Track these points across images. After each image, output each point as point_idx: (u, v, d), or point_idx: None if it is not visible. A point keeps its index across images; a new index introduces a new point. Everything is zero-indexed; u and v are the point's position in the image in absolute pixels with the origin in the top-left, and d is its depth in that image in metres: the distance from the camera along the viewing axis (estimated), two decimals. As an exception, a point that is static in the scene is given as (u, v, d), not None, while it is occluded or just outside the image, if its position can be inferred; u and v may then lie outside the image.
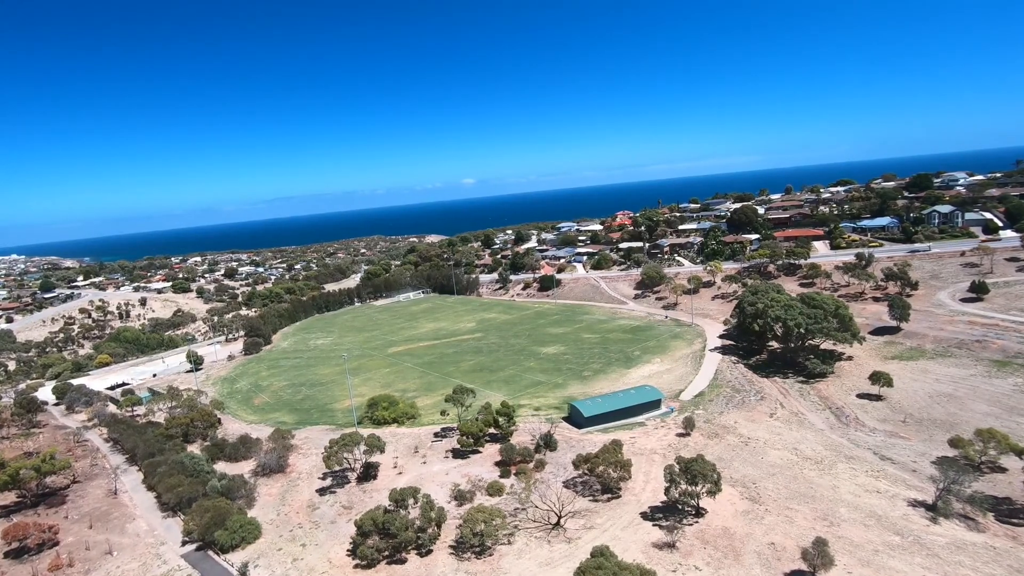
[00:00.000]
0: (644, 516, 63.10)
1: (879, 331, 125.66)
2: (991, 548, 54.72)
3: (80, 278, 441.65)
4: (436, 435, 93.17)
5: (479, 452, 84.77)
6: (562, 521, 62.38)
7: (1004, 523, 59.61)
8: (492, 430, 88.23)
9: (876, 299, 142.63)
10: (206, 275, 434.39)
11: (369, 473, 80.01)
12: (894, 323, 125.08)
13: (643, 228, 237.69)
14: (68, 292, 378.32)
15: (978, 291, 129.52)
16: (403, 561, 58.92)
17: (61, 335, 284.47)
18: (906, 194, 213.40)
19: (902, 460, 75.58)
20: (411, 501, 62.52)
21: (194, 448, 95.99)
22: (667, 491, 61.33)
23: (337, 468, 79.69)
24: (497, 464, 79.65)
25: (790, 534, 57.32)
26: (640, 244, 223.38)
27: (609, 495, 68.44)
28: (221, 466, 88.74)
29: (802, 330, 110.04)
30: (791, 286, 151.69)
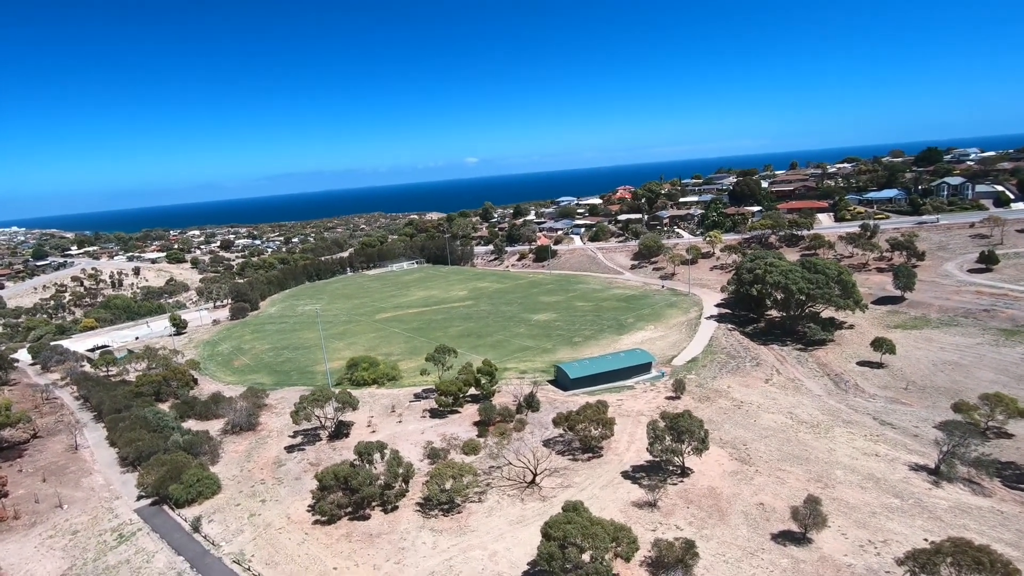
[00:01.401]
0: (625, 476, 59.05)
1: (882, 300, 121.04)
2: (998, 512, 50.58)
3: (74, 247, 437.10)
4: (416, 396, 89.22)
5: (458, 412, 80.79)
6: (537, 479, 58.39)
7: (1012, 488, 55.42)
8: (473, 391, 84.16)
9: (880, 270, 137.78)
10: (202, 247, 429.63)
11: (341, 432, 76.13)
12: (898, 293, 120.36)
13: (643, 200, 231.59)
14: (61, 260, 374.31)
15: (987, 261, 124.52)
16: (366, 517, 55.07)
17: (52, 302, 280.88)
18: (915, 168, 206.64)
19: (903, 425, 71.35)
20: (377, 456, 58.43)
21: (164, 407, 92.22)
22: (651, 447, 57.04)
23: (307, 425, 75.91)
24: (476, 424, 75.64)
25: (780, 495, 53.24)
26: (639, 216, 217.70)
27: (590, 455, 64.39)
28: (191, 424, 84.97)
29: (802, 296, 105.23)
30: (793, 257, 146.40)
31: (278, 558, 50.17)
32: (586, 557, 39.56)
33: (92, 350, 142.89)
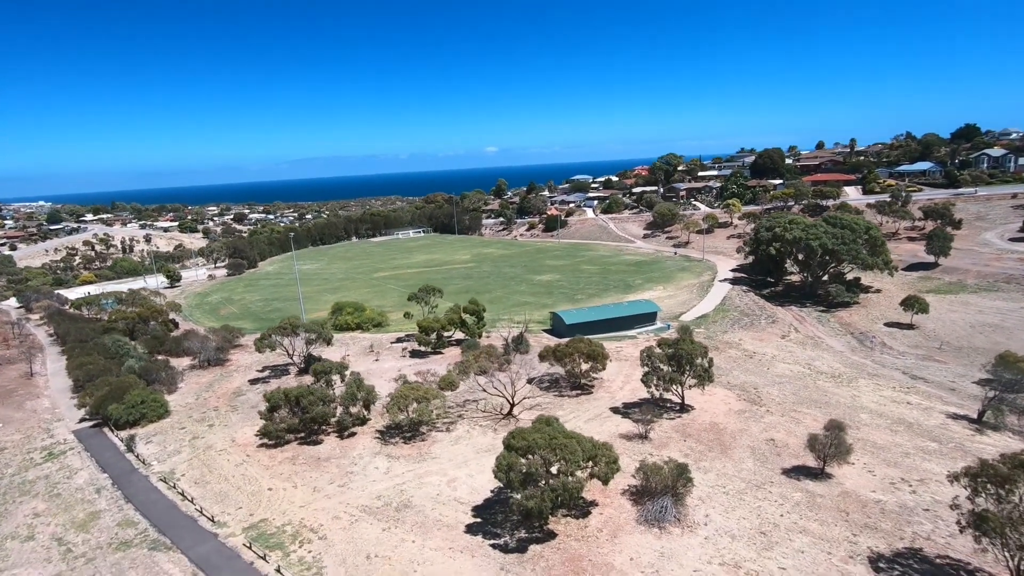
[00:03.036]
0: (615, 411, 51.78)
1: (913, 267, 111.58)
2: (1057, 461, 42.31)
3: (89, 215, 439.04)
4: (399, 340, 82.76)
5: (440, 354, 74.02)
6: (515, 412, 51.36)
7: (1069, 440, 47.00)
8: (460, 335, 77.32)
9: (912, 239, 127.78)
10: (215, 219, 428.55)
11: (311, 366, 69.73)
12: (931, 259, 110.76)
13: (660, 173, 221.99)
14: (75, 226, 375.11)
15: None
16: (317, 443, 48.62)
17: (62, 264, 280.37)
18: (951, 144, 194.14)
19: (937, 380, 62.91)
20: (336, 378, 51.87)
21: (137, 344, 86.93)
22: (645, 378, 49.56)
23: (277, 361, 70.04)
24: (458, 364, 68.72)
25: (795, 432, 45.53)
26: (654, 188, 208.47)
27: (579, 392, 57.19)
28: (161, 359, 79.59)
29: (826, 255, 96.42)
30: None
31: (209, 477, 43.95)
32: (554, 471, 32.50)
33: (82, 297, 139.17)
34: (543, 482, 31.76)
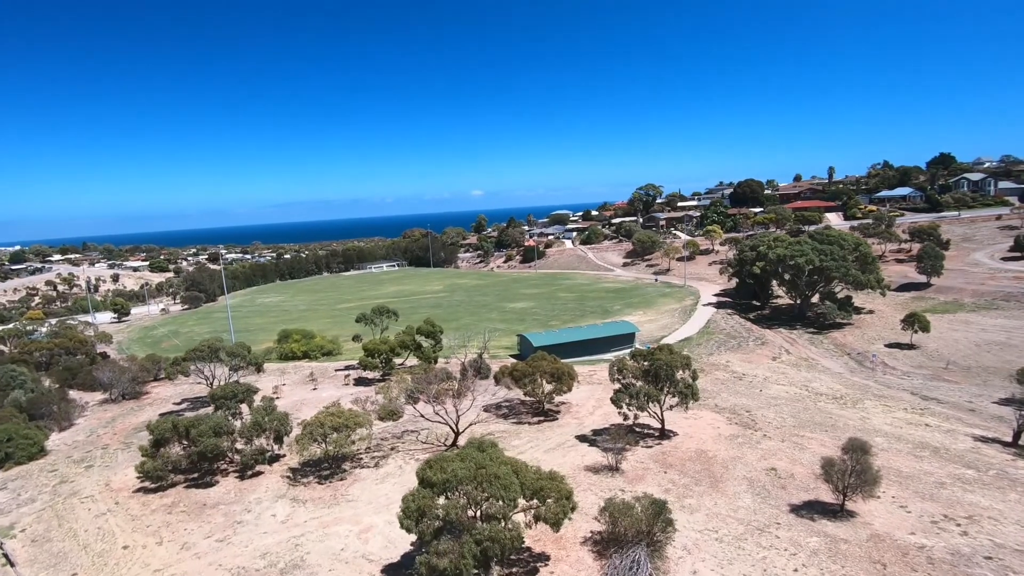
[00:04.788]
0: (582, 439, 42.83)
1: (905, 287, 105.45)
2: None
3: (57, 255, 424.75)
4: (347, 367, 73.45)
5: (388, 381, 64.56)
6: (461, 441, 42.24)
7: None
8: (413, 360, 68.31)
9: (900, 261, 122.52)
10: (189, 258, 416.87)
11: (235, 397, 59.92)
12: (923, 279, 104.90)
13: (639, 203, 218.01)
14: (38, 265, 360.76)
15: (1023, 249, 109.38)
16: (210, 484, 38.82)
17: (20, 305, 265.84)
18: (930, 169, 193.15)
19: (952, 400, 55.10)
20: (244, 407, 42.52)
21: (45, 376, 76.21)
22: (615, 397, 40.87)
23: (198, 392, 59.86)
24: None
25: (800, 460, 36.97)
26: (634, 219, 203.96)
27: (542, 418, 48.25)
28: (73, 394, 69.14)
29: (814, 272, 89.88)
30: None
31: (55, 533, 33.89)
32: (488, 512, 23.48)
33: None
34: (468, 532, 22.77)
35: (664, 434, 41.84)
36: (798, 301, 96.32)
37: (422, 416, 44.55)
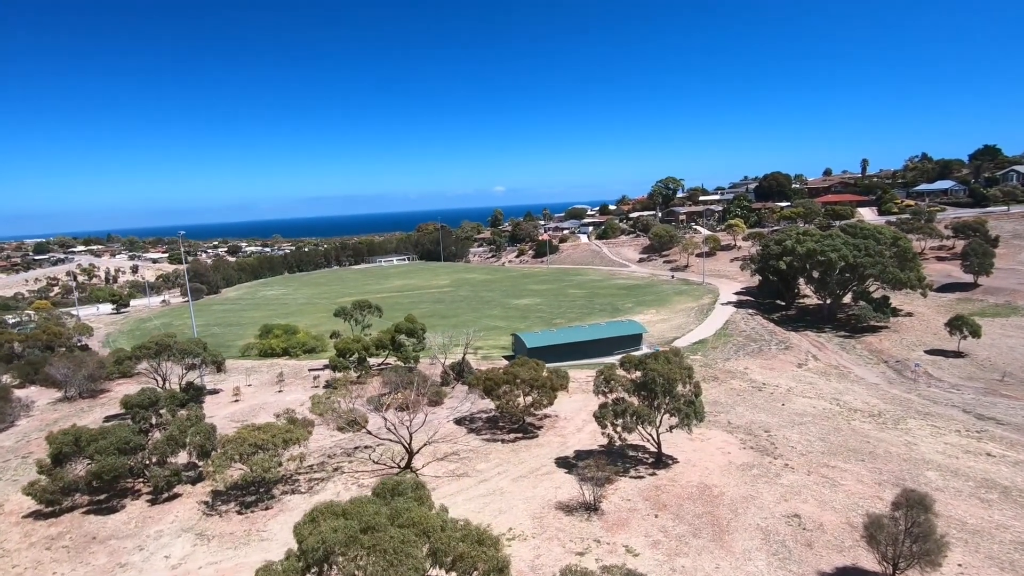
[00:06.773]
0: (561, 463, 35.54)
1: (948, 288, 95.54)
2: None
3: (80, 246, 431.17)
4: (324, 367, 67.15)
5: (362, 384, 58.23)
6: (416, 461, 35.35)
7: None
8: (392, 359, 61.78)
9: (941, 259, 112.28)
10: (209, 250, 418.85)
11: (193, 397, 54.11)
12: (969, 278, 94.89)
13: (658, 197, 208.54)
14: (61, 256, 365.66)
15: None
16: (114, 509, 32.67)
17: (39, 294, 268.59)
18: (973, 161, 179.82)
19: (1015, 421, 46.39)
20: (160, 414, 36.29)
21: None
22: (599, 414, 33.48)
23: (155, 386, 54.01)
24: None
25: (832, 503, 29.22)
26: (652, 213, 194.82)
27: (520, 435, 41.08)
28: (31, 391, 64.42)
29: (846, 269, 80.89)
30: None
31: (-92, 569, 27.98)
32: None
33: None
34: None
35: (661, 460, 34.34)
36: (827, 301, 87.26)
37: (370, 433, 37.67)
